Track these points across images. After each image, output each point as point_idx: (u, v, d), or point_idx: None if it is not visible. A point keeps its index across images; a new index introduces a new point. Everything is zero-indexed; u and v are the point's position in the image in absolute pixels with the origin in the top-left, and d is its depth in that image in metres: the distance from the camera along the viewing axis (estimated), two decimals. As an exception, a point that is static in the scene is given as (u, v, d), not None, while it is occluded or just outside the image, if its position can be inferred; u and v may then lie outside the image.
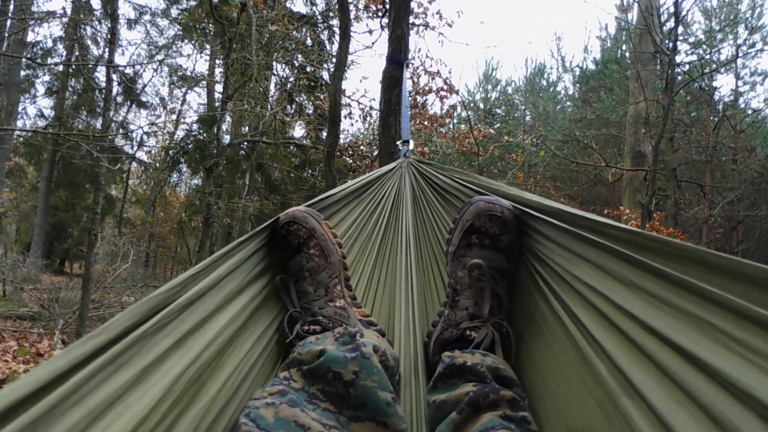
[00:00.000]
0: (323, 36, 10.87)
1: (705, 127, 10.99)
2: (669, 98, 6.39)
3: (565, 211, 0.87)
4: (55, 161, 14.09)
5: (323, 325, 0.98)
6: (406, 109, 2.19)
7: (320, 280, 1.03)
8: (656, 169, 6.57)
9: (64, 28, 12.22)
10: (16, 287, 8.80)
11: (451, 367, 0.88)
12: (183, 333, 0.69)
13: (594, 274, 0.75)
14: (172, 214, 18.20)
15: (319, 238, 1.06)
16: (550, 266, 0.89)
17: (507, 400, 0.79)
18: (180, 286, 0.73)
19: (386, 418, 0.79)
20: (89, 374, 0.53)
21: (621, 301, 0.66)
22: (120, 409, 0.54)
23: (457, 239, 1.03)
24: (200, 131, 11.37)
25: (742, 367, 0.47)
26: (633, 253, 0.67)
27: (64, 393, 0.49)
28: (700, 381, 0.50)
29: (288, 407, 0.74)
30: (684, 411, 0.51)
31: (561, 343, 0.80)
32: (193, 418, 0.66)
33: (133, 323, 0.61)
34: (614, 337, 0.66)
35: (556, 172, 14.56)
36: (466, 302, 0.98)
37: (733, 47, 12.53)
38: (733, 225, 12.91)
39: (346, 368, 0.82)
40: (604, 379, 0.64)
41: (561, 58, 18.54)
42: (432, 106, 9.96)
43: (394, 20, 3.23)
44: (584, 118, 13.18)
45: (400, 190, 1.56)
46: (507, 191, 1.09)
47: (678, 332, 0.55)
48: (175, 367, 0.65)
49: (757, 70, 13.80)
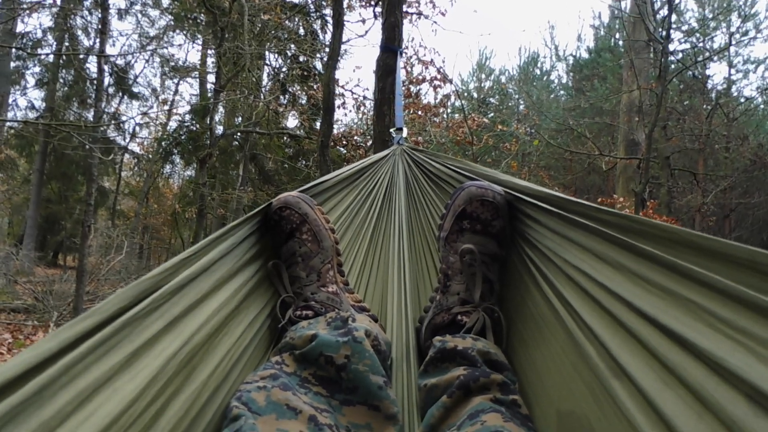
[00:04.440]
0: (316, 25, 10.80)
1: (698, 116, 11.03)
2: (662, 86, 6.39)
3: (556, 196, 0.87)
4: (46, 153, 13.97)
5: (315, 310, 0.98)
6: (399, 96, 2.20)
7: (312, 266, 1.03)
8: (650, 157, 6.59)
9: (53, 19, 12.07)
10: (10, 280, 8.75)
11: (442, 351, 0.89)
12: (174, 316, 0.69)
13: (584, 257, 0.75)
14: (165, 206, 18.13)
15: (312, 224, 1.06)
16: (540, 251, 0.89)
17: (497, 384, 0.80)
18: (171, 269, 0.73)
19: (378, 402, 0.80)
20: (78, 356, 0.53)
21: (610, 284, 0.67)
22: (109, 392, 0.54)
23: (449, 224, 1.03)
24: (193, 122, 11.32)
25: (728, 348, 0.47)
26: (623, 236, 0.67)
27: (53, 375, 0.49)
28: (687, 362, 0.51)
29: (280, 391, 0.74)
30: (671, 391, 0.51)
31: (551, 326, 0.80)
32: (184, 401, 0.66)
33: (123, 306, 0.61)
34: (603, 320, 0.66)
35: (549, 161, 14.59)
36: (458, 287, 0.99)
37: (726, 35, 12.55)
38: (726, 213, 13.00)
39: (338, 352, 0.82)
40: (594, 361, 0.65)
41: (554, 47, 18.53)
42: (426, 95, 9.95)
43: (387, 8, 3.21)
44: (578, 106, 13.17)
45: (393, 176, 1.56)
46: (499, 177, 1.09)
47: (666, 314, 0.56)
48: (166, 349, 0.65)
49: (749, 58, 13.83)
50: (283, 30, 9.51)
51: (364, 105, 9.26)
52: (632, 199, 7.49)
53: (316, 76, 10.26)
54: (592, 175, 14.92)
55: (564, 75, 18.29)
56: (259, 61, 9.80)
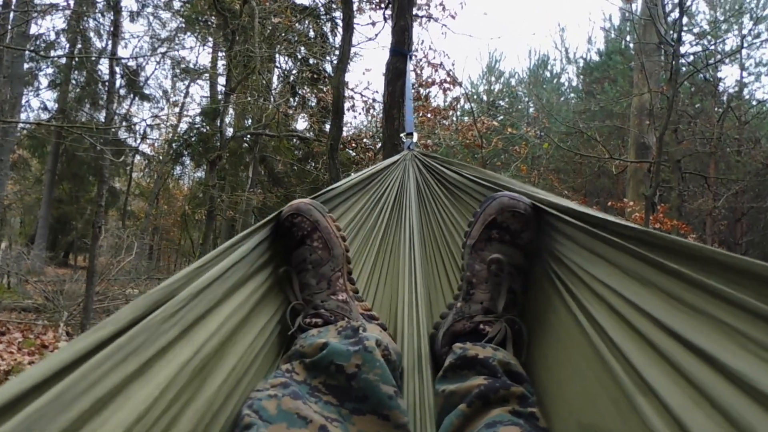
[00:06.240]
0: (326, 28, 10.83)
1: (709, 119, 10.94)
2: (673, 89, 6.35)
3: (581, 212, 0.87)
4: (58, 154, 14.12)
5: (325, 318, 0.98)
6: (409, 101, 2.19)
7: (323, 273, 1.03)
8: (660, 160, 6.55)
9: (66, 21, 12.19)
10: (21, 279, 8.84)
11: (463, 359, 0.89)
12: (188, 324, 0.70)
13: (612, 273, 0.75)
14: (175, 207, 18.25)
15: (323, 231, 1.06)
16: (566, 265, 0.89)
17: (517, 396, 0.80)
18: (184, 279, 0.73)
19: (388, 411, 0.79)
20: (94, 365, 0.53)
21: (638, 301, 0.66)
22: (123, 400, 0.55)
23: (478, 232, 1.03)
24: (203, 124, 11.37)
25: (758, 368, 0.47)
26: (651, 253, 0.67)
27: (69, 384, 0.50)
28: (716, 381, 0.51)
29: (290, 399, 0.75)
30: (699, 410, 0.51)
31: (575, 340, 0.80)
32: (197, 409, 0.66)
33: (137, 315, 0.62)
34: (630, 336, 0.66)
35: (559, 164, 14.52)
36: (482, 296, 0.99)
37: (738, 38, 12.45)
38: (737, 216, 12.88)
39: (349, 361, 0.82)
40: (619, 376, 0.64)
41: (564, 50, 18.50)
42: (435, 98, 9.94)
43: (397, 11, 3.21)
44: (588, 109, 13.12)
45: (403, 182, 1.55)
46: (523, 189, 1.08)
47: (695, 332, 0.55)
48: (178, 357, 0.66)
49: (762, 61, 13.74)
50: (293, 33, 9.54)
51: (374, 107, 9.28)
52: (642, 203, 7.44)
53: (325, 79, 10.29)
54: (601, 178, 14.85)
55: (574, 78, 18.23)
56: (270, 63, 9.83)
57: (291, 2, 9.40)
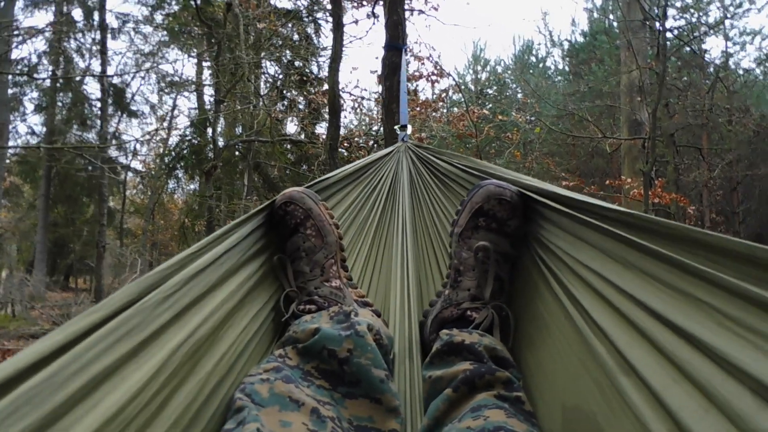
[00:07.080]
0: (310, 29, 10.81)
1: (699, 91, 10.97)
2: (662, 64, 6.38)
3: (568, 197, 0.87)
4: (50, 177, 14.02)
5: (318, 304, 1.00)
6: (404, 93, 2.20)
7: (316, 260, 1.05)
8: (655, 135, 6.57)
9: (48, 43, 12.11)
10: (26, 306, 8.80)
11: (449, 345, 0.90)
12: (181, 308, 0.71)
13: (596, 256, 0.76)
14: (171, 221, 18.16)
15: (316, 219, 1.07)
16: (552, 251, 0.90)
17: (502, 381, 0.81)
18: (178, 264, 0.74)
19: (380, 395, 0.81)
20: (88, 346, 0.54)
21: (620, 283, 0.68)
22: (116, 381, 0.56)
23: (465, 220, 1.04)
24: (194, 135, 11.33)
25: (735, 344, 0.48)
26: (633, 235, 0.68)
27: (63, 364, 0.51)
28: (695, 358, 0.52)
29: (283, 383, 0.76)
30: (679, 387, 0.52)
31: (560, 324, 0.81)
32: (189, 392, 0.68)
33: (131, 299, 0.63)
34: (613, 318, 0.67)
35: (552, 148, 14.53)
36: (469, 283, 1.00)
37: (721, 9, 12.49)
38: (732, 186, 12.95)
39: (341, 346, 0.84)
40: (602, 358, 0.66)
41: (549, 33, 18.52)
42: (423, 91, 9.94)
43: (389, 7, 3.22)
44: (577, 91, 13.14)
45: (397, 173, 1.59)
46: (511, 176, 1.10)
47: (675, 311, 0.57)
48: (171, 340, 0.67)
49: (745, 30, 13.76)
50: (278, 37, 9.52)
51: (362, 106, 9.27)
52: (640, 179, 7.46)
53: (313, 81, 10.27)
54: (595, 158, 14.87)
55: (560, 61, 18.26)
56: (257, 69, 9.81)
57: (273, 7, 9.38)
